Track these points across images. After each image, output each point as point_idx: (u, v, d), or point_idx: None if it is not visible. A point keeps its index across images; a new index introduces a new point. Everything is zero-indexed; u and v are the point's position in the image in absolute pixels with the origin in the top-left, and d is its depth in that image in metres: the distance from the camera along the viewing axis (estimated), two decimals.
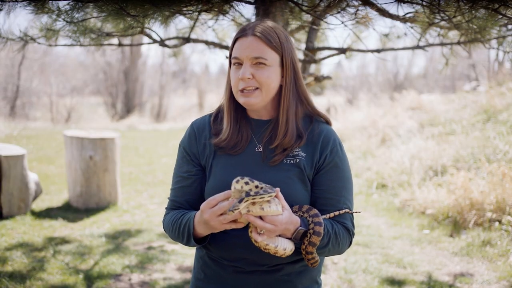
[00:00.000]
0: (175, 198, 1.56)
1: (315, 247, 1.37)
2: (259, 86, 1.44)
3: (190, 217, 1.43)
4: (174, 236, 1.51)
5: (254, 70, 1.43)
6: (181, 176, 1.56)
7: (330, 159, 1.48)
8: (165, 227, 1.56)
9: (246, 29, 1.46)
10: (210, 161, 1.52)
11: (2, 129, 12.79)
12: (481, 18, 2.86)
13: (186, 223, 1.44)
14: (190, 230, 1.43)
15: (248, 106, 1.46)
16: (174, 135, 14.04)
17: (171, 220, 1.51)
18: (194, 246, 1.50)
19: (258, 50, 1.42)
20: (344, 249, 1.50)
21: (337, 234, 1.44)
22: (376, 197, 6.64)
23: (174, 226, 1.49)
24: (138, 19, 2.78)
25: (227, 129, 1.50)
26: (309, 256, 1.39)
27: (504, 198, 4.86)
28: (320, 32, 4.08)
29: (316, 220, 1.37)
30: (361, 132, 10.53)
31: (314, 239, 1.36)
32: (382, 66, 25.45)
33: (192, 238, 1.44)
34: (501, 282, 3.83)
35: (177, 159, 1.60)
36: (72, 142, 5.80)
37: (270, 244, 1.33)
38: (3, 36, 3.35)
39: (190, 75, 30.88)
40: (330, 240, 1.42)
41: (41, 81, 21.24)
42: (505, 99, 8.86)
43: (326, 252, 1.45)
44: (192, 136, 1.56)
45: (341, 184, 1.49)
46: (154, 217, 5.63)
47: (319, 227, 1.36)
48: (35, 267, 3.92)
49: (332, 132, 1.53)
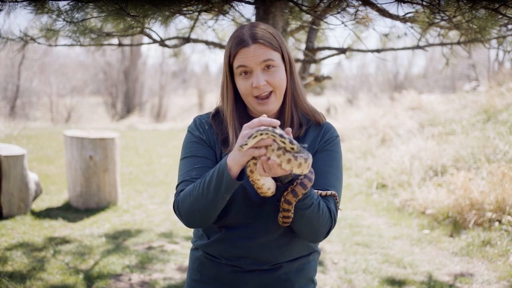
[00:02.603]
0: (190, 177, 1.45)
1: (296, 199, 1.31)
2: (273, 89, 1.47)
3: (220, 162, 1.34)
4: (198, 194, 1.37)
5: (266, 76, 1.45)
6: (198, 156, 1.48)
7: (326, 145, 1.52)
8: (182, 199, 1.41)
9: (244, 39, 1.45)
10: (219, 153, 1.52)
11: (2, 129, 12.79)
12: (481, 18, 2.86)
13: (216, 167, 1.34)
14: (223, 167, 1.31)
15: (267, 112, 1.48)
16: (174, 135, 14.04)
17: (194, 184, 1.40)
18: (228, 191, 1.33)
19: (264, 54, 1.44)
20: (322, 232, 1.42)
21: (320, 208, 1.37)
22: (376, 197, 6.64)
23: (199, 183, 1.38)
24: (138, 19, 2.78)
25: (233, 139, 1.48)
26: (285, 207, 1.33)
27: (504, 198, 4.86)
28: (320, 32, 4.08)
29: (308, 175, 1.32)
30: (361, 132, 10.53)
31: (297, 189, 1.30)
32: (382, 66, 25.46)
33: (227, 173, 1.30)
34: (501, 282, 3.83)
35: (187, 146, 1.53)
36: (72, 142, 5.80)
37: (261, 181, 1.30)
38: (3, 36, 3.35)
39: (190, 75, 30.91)
40: (313, 206, 1.35)
41: (41, 81, 21.26)
42: (505, 99, 8.86)
43: (303, 221, 1.37)
44: (201, 126, 1.55)
45: (331, 170, 1.49)
46: (154, 217, 5.63)
47: (307, 181, 1.30)
48: (35, 267, 3.92)
49: (332, 126, 1.58)
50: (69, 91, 22.50)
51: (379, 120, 10.62)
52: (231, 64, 1.48)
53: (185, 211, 1.41)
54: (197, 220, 1.42)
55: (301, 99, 1.55)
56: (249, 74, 1.46)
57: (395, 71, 25.59)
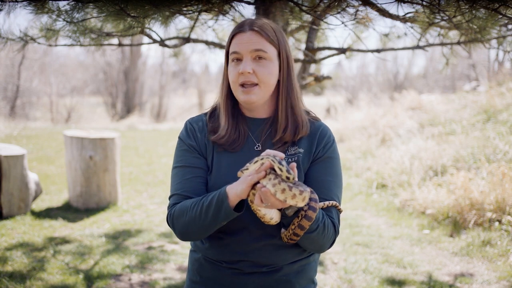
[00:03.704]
0: (182, 190, 1.46)
1: (304, 231, 1.35)
2: (258, 82, 1.44)
3: (220, 190, 1.36)
4: (195, 216, 1.38)
5: (255, 65, 1.43)
6: (188, 167, 1.48)
7: (324, 152, 1.50)
8: (176, 215, 1.43)
9: (243, 25, 1.46)
10: (210, 159, 1.51)
11: (2, 129, 12.79)
12: (481, 18, 2.86)
13: (216, 194, 1.36)
14: (222, 196, 1.33)
15: (249, 103, 1.46)
16: (174, 135, 14.04)
17: (190, 204, 1.41)
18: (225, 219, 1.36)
19: (258, 43, 1.43)
20: (326, 246, 1.45)
21: (325, 227, 1.41)
22: (376, 197, 6.64)
23: (196, 205, 1.39)
24: (138, 20, 2.78)
25: (225, 125, 1.49)
26: (294, 238, 1.38)
27: (504, 198, 4.86)
28: (320, 32, 4.07)
29: (312, 204, 1.34)
30: (361, 132, 10.53)
31: (304, 223, 1.34)
32: (382, 66, 25.47)
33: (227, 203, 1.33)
34: (501, 282, 3.83)
35: (178, 154, 1.53)
36: (72, 142, 5.80)
37: (262, 211, 1.34)
38: (3, 36, 3.35)
39: (190, 75, 30.91)
40: (318, 229, 1.38)
41: (41, 81, 21.26)
42: (505, 99, 8.86)
43: (309, 241, 1.40)
44: (193, 131, 1.54)
45: (332, 179, 1.49)
46: (154, 217, 5.63)
47: (312, 212, 1.34)
48: (35, 267, 3.92)
49: (327, 128, 1.57)
50: (69, 91, 22.50)
51: (379, 120, 10.62)
52: (228, 51, 1.48)
53: (180, 228, 1.44)
54: (191, 237, 1.46)
55: (297, 106, 1.50)
56: (240, 61, 1.45)
57: (395, 71, 25.61)
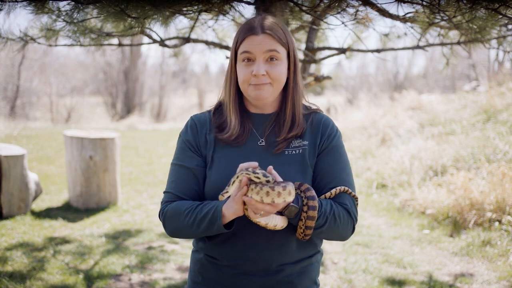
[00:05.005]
0: (175, 190, 1.52)
1: (311, 230, 1.39)
2: (272, 82, 1.47)
3: (217, 203, 1.41)
4: (188, 224, 1.44)
5: (267, 67, 1.46)
6: (183, 166, 1.52)
7: (329, 142, 1.53)
8: (169, 215, 1.48)
9: (254, 27, 1.46)
10: (211, 153, 1.52)
11: (2, 129, 12.79)
12: (481, 18, 2.86)
13: (211, 210, 1.40)
14: (217, 215, 1.39)
15: (259, 99, 1.48)
16: (174, 135, 14.03)
17: (184, 209, 1.45)
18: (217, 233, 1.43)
19: (271, 45, 1.45)
20: (347, 233, 1.48)
21: (337, 216, 1.43)
22: (376, 197, 6.64)
23: (190, 213, 1.43)
24: (138, 20, 2.78)
25: (233, 121, 1.51)
26: (307, 236, 1.42)
27: (504, 198, 4.86)
28: (320, 32, 4.07)
29: (311, 204, 1.37)
30: (361, 132, 10.53)
31: (309, 223, 1.38)
32: (382, 66, 25.48)
33: (220, 221, 1.39)
34: (501, 282, 3.83)
35: (177, 151, 1.57)
36: (72, 142, 5.80)
37: (262, 221, 1.36)
38: (3, 36, 3.35)
39: (190, 75, 30.93)
40: (327, 222, 1.41)
41: (41, 81, 21.26)
42: (505, 99, 8.86)
43: (324, 234, 1.45)
44: (193, 127, 1.56)
45: (340, 167, 1.52)
46: (154, 217, 5.63)
47: (312, 212, 1.37)
48: (35, 267, 3.92)
49: (329, 119, 1.59)
50: (69, 91, 22.50)
51: (379, 120, 10.61)
52: (237, 50, 1.49)
53: (171, 229, 1.50)
54: (181, 238, 1.54)
55: (300, 103, 1.55)
56: (251, 62, 1.47)
57: (395, 71, 25.61)
